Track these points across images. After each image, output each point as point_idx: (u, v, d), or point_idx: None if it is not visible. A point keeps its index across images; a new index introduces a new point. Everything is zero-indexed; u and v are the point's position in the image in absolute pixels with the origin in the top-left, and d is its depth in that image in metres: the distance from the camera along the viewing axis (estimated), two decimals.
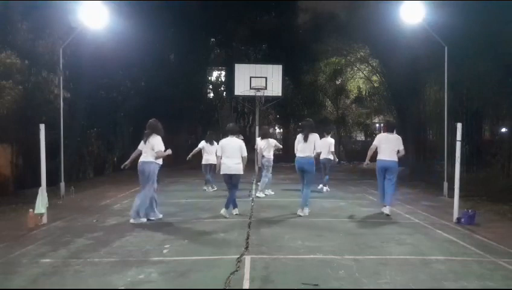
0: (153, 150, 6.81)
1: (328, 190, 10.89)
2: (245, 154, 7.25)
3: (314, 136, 7.48)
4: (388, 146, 7.58)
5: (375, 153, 7.72)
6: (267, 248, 5.23)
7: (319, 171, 11.30)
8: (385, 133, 7.87)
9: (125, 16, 13.04)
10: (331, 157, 10.89)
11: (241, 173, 7.25)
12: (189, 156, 11.00)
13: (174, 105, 18.73)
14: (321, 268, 4.47)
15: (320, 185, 10.99)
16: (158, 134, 6.93)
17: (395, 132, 7.98)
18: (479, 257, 4.96)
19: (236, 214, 7.35)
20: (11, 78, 9.71)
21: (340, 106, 24.99)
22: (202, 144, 10.96)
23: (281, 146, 11.64)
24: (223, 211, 7.20)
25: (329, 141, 10.92)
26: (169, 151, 6.96)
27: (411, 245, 5.48)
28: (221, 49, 25.71)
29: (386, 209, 7.46)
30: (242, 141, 7.42)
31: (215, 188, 10.78)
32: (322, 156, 10.64)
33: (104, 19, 9.96)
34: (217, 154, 7.45)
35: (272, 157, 9.93)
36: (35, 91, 10.70)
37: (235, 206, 7.46)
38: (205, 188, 10.94)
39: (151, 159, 6.83)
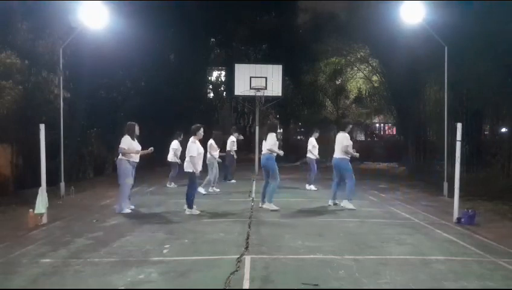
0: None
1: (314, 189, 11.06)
2: (190, 154, 7.56)
3: (269, 135, 8.00)
4: (336, 146, 8.30)
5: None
6: (267, 248, 5.23)
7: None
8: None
9: (125, 15, 13.03)
10: (310, 155, 11.19)
11: (189, 170, 7.57)
12: (179, 161, 11.22)
13: (174, 105, 18.71)
14: (321, 268, 4.47)
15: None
16: (127, 134, 7.70)
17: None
18: (479, 257, 4.96)
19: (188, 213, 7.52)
20: (11, 78, 9.70)
21: (340, 106, 24.95)
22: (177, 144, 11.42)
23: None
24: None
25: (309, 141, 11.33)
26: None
27: (411, 245, 5.48)
28: (221, 49, 25.71)
29: (343, 203, 8.19)
30: (190, 142, 7.68)
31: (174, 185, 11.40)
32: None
33: (104, 19, 9.96)
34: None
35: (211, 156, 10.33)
36: (35, 91, 10.69)
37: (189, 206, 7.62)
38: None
39: (121, 157, 7.65)
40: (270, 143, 7.90)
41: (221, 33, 23.90)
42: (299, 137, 27.42)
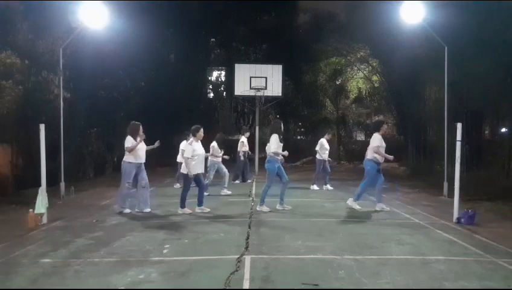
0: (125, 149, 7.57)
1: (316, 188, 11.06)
2: (184, 155, 7.67)
3: (271, 136, 7.92)
4: (369, 147, 8.18)
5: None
6: (267, 248, 5.23)
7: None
8: None
9: (125, 16, 13.03)
10: (317, 156, 11.14)
11: (183, 172, 7.77)
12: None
13: (174, 105, 18.71)
14: (321, 268, 4.47)
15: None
16: (129, 134, 7.60)
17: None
18: (479, 257, 4.96)
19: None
20: (11, 78, 9.71)
21: (340, 106, 24.96)
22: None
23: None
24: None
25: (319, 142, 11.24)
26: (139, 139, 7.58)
27: (411, 245, 5.48)
28: (221, 49, 25.68)
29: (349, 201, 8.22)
30: (187, 143, 7.81)
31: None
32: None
33: (104, 19, 9.95)
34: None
35: (213, 160, 10.22)
36: (35, 91, 10.70)
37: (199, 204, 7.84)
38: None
39: (124, 158, 7.61)
40: (273, 146, 7.77)
41: (221, 33, 23.87)
42: (299, 137, 27.43)
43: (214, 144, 10.34)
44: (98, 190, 10.95)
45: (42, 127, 6.98)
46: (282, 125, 8.11)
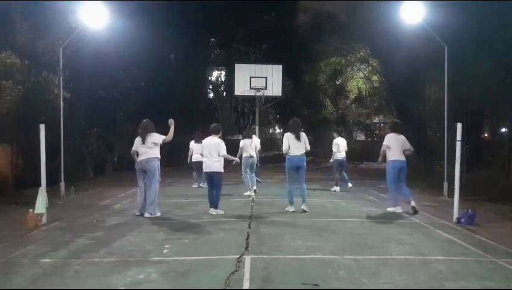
0: (153, 147, 7.33)
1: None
2: (222, 153, 7.48)
3: (304, 134, 7.95)
4: (398, 148, 8.13)
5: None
6: (267, 248, 5.22)
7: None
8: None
9: (125, 16, 13.03)
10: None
11: (220, 170, 7.51)
12: (189, 160, 11.61)
13: (174, 105, 18.71)
14: (321, 268, 4.47)
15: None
16: (150, 132, 7.47)
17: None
18: (479, 257, 4.95)
19: (213, 214, 7.44)
20: (11, 78, 9.71)
21: (340, 106, 24.96)
22: (191, 143, 11.48)
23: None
24: (210, 210, 7.55)
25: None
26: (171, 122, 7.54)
27: (411, 245, 5.48)
28: (221, 49, 25.70)
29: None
30: (221, 140, 7.63)
31: (202, 186, 11.10)
32: (342, 156, 10.94)
33: (104, 19, 9.96)
34: (200, 153, 7.91)
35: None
36: (35, 91, 10.69)
37: (215, 206, 7.55)
38: (196, 184, 11.59)
39: (151, 156, 7.32)
40: (308, 143, 7.89)
41: (221, 33, 23.89)
42: None
43: (250, 141, 10.28)
44: (98, 190, 10.95)
45: (42, 127, 6.98)
46: (294, 123, 8.08)
